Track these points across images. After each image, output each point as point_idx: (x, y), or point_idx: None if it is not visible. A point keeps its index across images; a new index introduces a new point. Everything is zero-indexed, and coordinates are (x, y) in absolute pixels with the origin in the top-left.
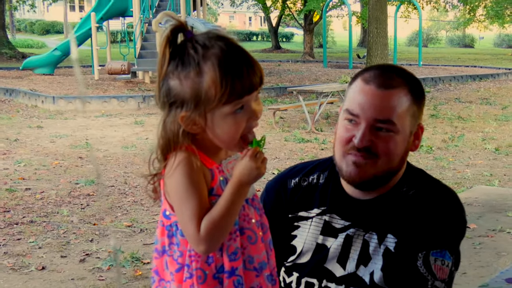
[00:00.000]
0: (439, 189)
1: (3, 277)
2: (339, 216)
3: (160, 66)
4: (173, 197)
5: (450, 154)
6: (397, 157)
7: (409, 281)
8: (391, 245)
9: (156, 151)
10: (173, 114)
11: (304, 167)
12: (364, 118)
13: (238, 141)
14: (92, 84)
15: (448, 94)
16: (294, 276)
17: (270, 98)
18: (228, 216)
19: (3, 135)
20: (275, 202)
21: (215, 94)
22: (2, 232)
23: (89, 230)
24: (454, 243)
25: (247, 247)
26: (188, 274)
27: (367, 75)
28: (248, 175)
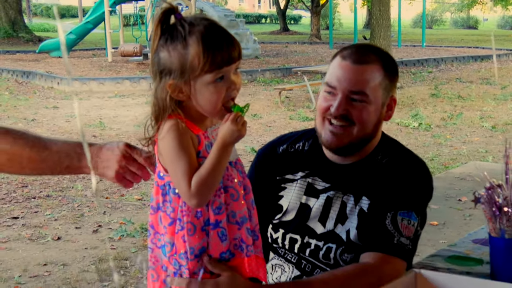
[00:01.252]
0: (410, 158)
1: (22, 247)
2: (321, 179)
3: (152, 41)
4: (165, 159)
5: (448, 132)
6: (370, 125)
7: (378, 237)
8: (365, 206)
9: (150, 118)
10: (162, 82)
11: (292, 136)
12: (340, 90)
13: (220, 109)
14: (106, 66)
15: (450, 74)
16: (280, 232)
17: (276, 78)
18: (214, 174)
19: (21, 115)
20: (265, 166)
21: (198, 64)
22: (20, 206)
23: (102, 204)
24: (421, 206)
25: (230, 203)
26: (180, 227)
27: (345, 52)
28: (230, 136)
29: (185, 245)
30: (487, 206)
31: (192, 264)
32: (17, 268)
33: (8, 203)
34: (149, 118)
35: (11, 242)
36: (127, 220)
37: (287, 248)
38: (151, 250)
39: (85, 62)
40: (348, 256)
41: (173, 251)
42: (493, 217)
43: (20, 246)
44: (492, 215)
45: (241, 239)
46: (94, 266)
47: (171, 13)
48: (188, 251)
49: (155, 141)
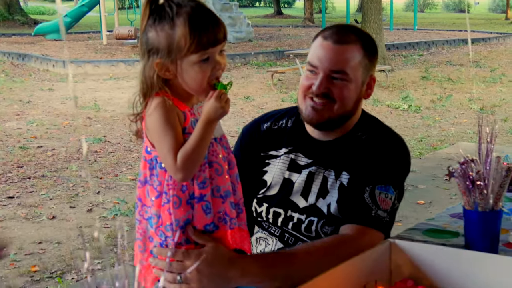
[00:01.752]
0: (389, 135)
1: (17, 226)
2: (303, 155)
3: (141, 21)
4: (152, 135)
5: (437, 114)
6: (350, 102)
7: (357, 210)
8: (345, 181)
9: (138, 95)
10: (150, 61)
11: (275, 114)
12: (321, 69)
13: (205, 87)
14: (101, 49)
15: (440, 57)
16: (264, 206)
17: (269, 61)
18: (199, 149)
19: (17, 97)
20: (250, 143)
21: (184, 44)
22: (16, 186)
23: (96, 184)
24: (398, 180)
25: (214, 178)
26: (166, 200)
27: (326, 33)
28: (214, 113)
29: (170, 217)
30: (461, 180)
31: (177, 236)
32: (13, 246)
33: (4, 183)
34: (137, 95)
35: (6, 221)
36: (121, 200)
37: (271, 221)
38: (139, 222)
39: (80, 45)
40: (328, 229)
41: (159, 223)
42: (466, 190)
43: (15, 225)
44: (465, 188)
45: (225, 212)
46: (88, 244)
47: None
48: (174, 223)
49: (142, 117)
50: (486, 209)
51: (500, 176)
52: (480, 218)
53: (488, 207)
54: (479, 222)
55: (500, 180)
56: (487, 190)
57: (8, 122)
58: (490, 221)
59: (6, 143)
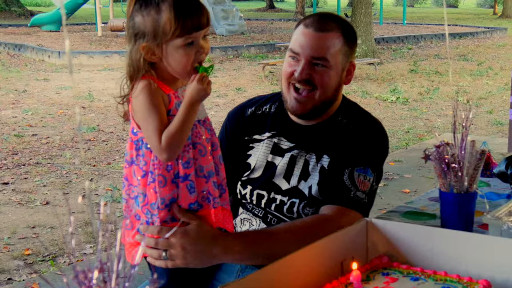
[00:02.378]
0: (367, 119)
1: (12, 211)
2: (286, 139)
3: (128, 7)
4: (138, 116)
5: (424, 105)
6: (331, 88)
7: (336, 191)
8: (325, 164)
9: (125, 77)
10: (136, 45)
11: (260, 99)
12: (303, 56)
13: (189, 71)
14: (96, 40)
15: (429, 51)
16: (248, 188)
17: (261, 54)
18: (182, 130)
19: (13, 87)
20: (235, 127)
21: (169, 28)
22: (10, 172)
23: (89, 171)
24: (376, 163)
25: (198, 158)
26: (152, 179)
27: (308, 21)
28: (196, 94)
29: (156, 196)
30: (437, 162)
31: (163, 214)
32: (6, 230)
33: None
34: (124, 78)
35: (1, 206)
36: (113, 187)
37: (254, 203)
38: (125, 201)
39: (76, 36)
40: (309, 210)
41: (145, 202)
42: (442, 173)
43: (10, 210)
44: (441, 171)
45: (208, 191)
46: (80, 229)
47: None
48: (159, 201)
49: (129, 99)
50: (461, 191)
51: (475, 159)
52: (455, 199)
53: (463, 189)
54: (454, 204)
55: (474, 163)
56: (461, 172)
57: (4, 111)
58: (465, 203)
59: (1, 131)
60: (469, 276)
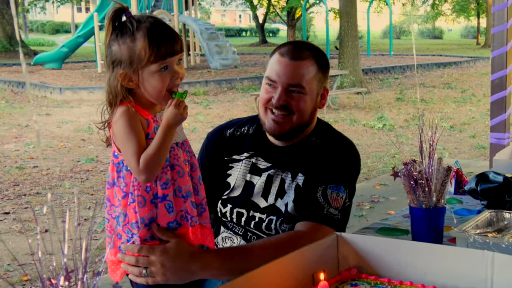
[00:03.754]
0: (340, 139)
1: (12, 239)
2: (263, 159)
3: (105, 36)
4: (118, 140)
5: (410, 132)
6: (307, 112)
7: (310, 208)
8: (300, 182)
9: (105, 104)
10: (114, 72)
11: (238, 121)
12: (280, 83)
13: (165, 95)
14: (96, 77)
15: (414, 80)
16: (228, 207)
17: (253, 86)
18: (160, 152)
19: (16, 122)
20: (214, 147)
21: (144, 55)
22: (11, 202)
23: (87, 200)
24: (349, 180)
25: (176, 179)
26: (132, 199)
27: (283, 50)
28: (173, 119)
29: (136, 215)
30: (405, 179)
31: (143, 233)
32: (6, 257)
33: (0, 200)
34: (104, 104)
35: (1, 235)
36: None
37: (234, 221)
38: (108, 221)
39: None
40: (286, 226)
41: (126, 221)
42: (411, 189)
43: (10, 238)
44: (410, 187)
45: (186, 211)
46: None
47: (122, 12)
48: (139, 221)
49: (110, 124)
50: (429, 206)
51: (442, 176)
52: (424, 214)
53: (431, 204)
54: (424, 218)
55: (441, 179)
56: (429, 188)
57: (7, 145)
58: (434, 217)
59: (4, 163)
60: (421, 284)
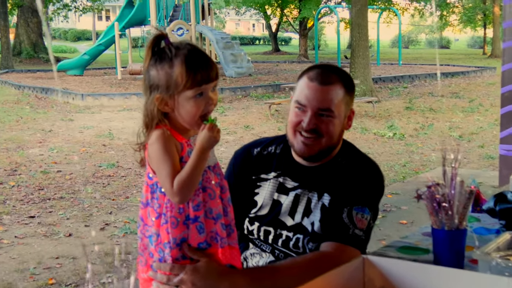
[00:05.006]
0: (365, 161)
1: (37, 242)
2: (290, 178)
3: (144, 61)
4: (153, 162)
5: (420, 141)
6: (336, 135)
7: (336, 228)
8: (326, 202)
9: (142, 126)
10: (151, 96)
11: (265, 140)
12: (310, 107)
13: (197, 120)
14: (116, 83)
15: (423, 89)
16: (255, 225)
17: (267, 94)
18: (193, 175)
19: (40, 127)
20: (242, 166)
21: (181, 81)
22: (37, 206)
23: (109, 205)
24: (373, 202)
25: (207, 201)
26: (164, 220)
27: (311, 74)
28: (207, 142)
29: (168, 236)
30: (428, 202)
31: (174, 252)
32: (32, 261)
33: (26, 204)
34: (141, 127)
35: (27, 238)
36: (131, 219)
37: (262, 239)
38: (140, 239)
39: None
40: (313, 245)
41: (158, 241)
42: (434, 211)
43: (35, 242)
44: (433, 209)
45: (216, 232)
46: (100, 259)
47: (161, 38)
48: (171, 241)
49: (145, 146)
50: (451, 228)
51: (464, 198)
52: (446, 236)
53: (454, 226)
54: (446, 240)
55: (464, 201)
56: (452, 211)
57: (32, 149)
58: (456, 239)
59: (29, 168)
60: None
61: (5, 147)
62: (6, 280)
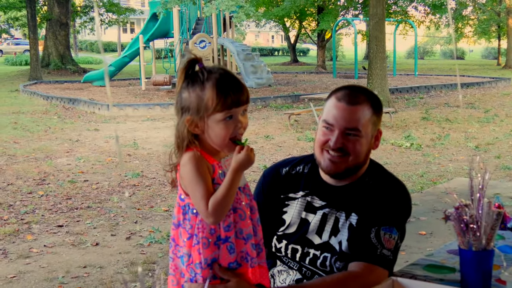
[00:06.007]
0: (392, 181)
1: (65, 251)
2: (318, 198)
3: (177, 84)
4: (186, 184)
5: (437, 151)
6: (363, 154)
7: (364, 248)
8: (354, 221)
9: (173, 147)
10: (182, 118)
11: (293, 160)
12: (337, 127)
13: (227, 143)
14: (140, 94)
15: (439, 99)
16: (283, 243)
17: (286, 104)
18: (228, 196)
19: (67, 137)
20: (270, 185)
21: (212, 104)
22: (65, 215)
23: (134, 214)
24: (401, 222)
25: (238, 222)
26: (196, 241)
27: (339, 94)
28: (243, 163)
29: (200, 256)
30: (456, 222)
31: (205, 272)
32: (61, 270)
33: (55, 213)
34: (172, 148)
35: (56, 247)
36: (155, 229)
37: (289, 257)
38: (172, 259)
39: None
40: (340, 264)
41: (189, 261)
42: (461, 232)
43: (63, 251)
44: (460, 230)
45: (246, 252)
46: (126, 268)
47: (195, 63)
48: (203, 261)
49: (177, 168)
50: (479, 249)
51: (491, 220)
52: (474, 257)
53: (481, 247)
54: (473, 261)
55: (491, 223)
56: (479, 232)
57: (59, 159)
58: (483, 260)
59: (57, 177)
60: None
61: (34, 157)
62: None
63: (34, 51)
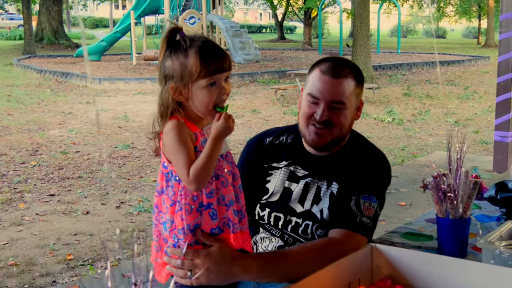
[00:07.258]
0: (373, 151)
1: (56, 219)
2: (301, 167)
3: (160, 53)
4: (169, 152)
5: (417, 126)
6: (346, 126)
7: (344, 216)
8: (335, 190)
9: (157, 116)
10: (166, 85)
11: (277, 130)
12: (323, 100)
13: (211, 110)
14: (131, 69)
15: (420, 76)
16: (266, 211)
17: (273, 79)
18: (209, 163)
19: (60, 109)
20: (254, 155)
21: (195, 70)
22: (56, 185)
23: (124, 184)
24: (380, 191)
25: (220, 189)
26: (179, 207)
27: (323, 67)
28: (223, 131)
29: (182, 222)
30: (434, 191)
31: (188, 238)
32: (52, 237)
33: (47, 182)
34: (156, 116)
35: (48, 215)
36: (144, 198)
37: (272, 224)
38: (155, 226)
39: (114, 65)
40: (321, 232)
41: (172, 227)
42: (439, 200)
43: (55, 219)
44: (438, 199)
45: (228, 218)
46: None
47: (176, 32)
48: (185, 227)
49: (160, 136)
50: (456, 217)
51: (469, 189)
52: (451, 225)
53: (458, 215)
54: (450, 229)
55: (468, 192)
56: (457, 200)
57: (52, 130)
58: (460, 228)
59: (49, 148)
60: None
61: (27, 128)
62: (27, 256)
63: (27, 26)
